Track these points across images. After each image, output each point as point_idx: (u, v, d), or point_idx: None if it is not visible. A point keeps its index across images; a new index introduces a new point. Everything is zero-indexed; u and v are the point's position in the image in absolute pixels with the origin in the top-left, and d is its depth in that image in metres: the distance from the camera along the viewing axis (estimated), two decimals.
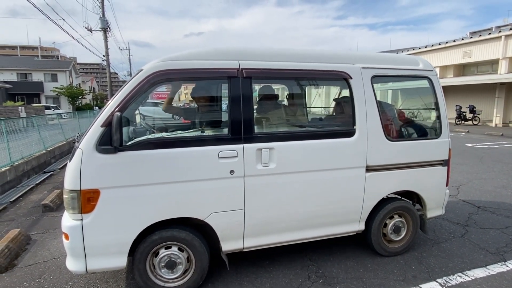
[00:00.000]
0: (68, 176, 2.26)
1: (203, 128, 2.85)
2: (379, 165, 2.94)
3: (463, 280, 2.75)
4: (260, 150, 2.55)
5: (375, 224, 3.06)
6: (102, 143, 2.22)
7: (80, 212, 2.24)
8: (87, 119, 14.29)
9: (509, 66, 17.31)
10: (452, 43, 20.05)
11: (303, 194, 2.75)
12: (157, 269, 2.51)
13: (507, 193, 5.30)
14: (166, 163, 2.35)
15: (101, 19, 21.37)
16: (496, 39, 17.67)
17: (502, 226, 3.92)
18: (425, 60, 3.33)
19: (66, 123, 12.29)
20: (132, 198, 2.32)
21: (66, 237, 2.29)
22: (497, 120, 17.80)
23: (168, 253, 2.50)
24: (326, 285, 2.69)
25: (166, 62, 2.40)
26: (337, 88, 3.54)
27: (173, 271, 2.53)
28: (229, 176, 2.49)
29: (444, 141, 3.23)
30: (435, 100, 3.23)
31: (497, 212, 4.41)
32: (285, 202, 2.70)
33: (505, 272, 2.88)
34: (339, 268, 2.96)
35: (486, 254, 3.22)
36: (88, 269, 2.33)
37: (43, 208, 4.63)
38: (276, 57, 2.72)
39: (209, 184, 2.47)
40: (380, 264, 3.03)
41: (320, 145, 2.74)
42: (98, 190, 2.24)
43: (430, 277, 2.81)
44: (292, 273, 2.87)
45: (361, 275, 2.84)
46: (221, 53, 2.57)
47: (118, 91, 2.40)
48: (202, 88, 3.15)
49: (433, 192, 3.27)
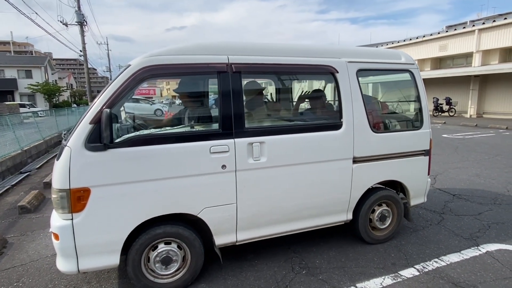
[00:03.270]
0: (56, 175, 2.20)
1: (194, 124, 2.83)
2: (365, 156, 3.03)
3: (439, 265, 2.88)
4: (251, 145, 2.57)
5: (362, 213, 3.16)
6: (91, 140, 2.17)
7: (70, 211, 2.19)
8: (65, 116, 13.84)
9: (482, 59, 17.99)
10: (429, 37, 20.62)
11: (294, 187, 2.81)
12: (151, 263, 2.49)
13: (480, 181, 5.55)
14: (157, 159, 2.33)
15: (77, 13, 20.62)
16: (470, 33, 18.30)
17: (476, 213, 4.11)
18: (406, 54, 3.43)
19: (43, 122, 11.85)
20: (124, 195, 2.29)
21: (56, 237, 2.24)
22: (471, 112, 18.53)
23: (167, 249, 2.50)
24: (309, 276, 2.75)
25: (154, 58, 2.37)
26: (322, 82, 3.58)
27: (167, 268, 2.53)
28: (221, 171, 2.50)
29: (426, 131, 3.36)
30: (417, 92, 3.35)
31: (470, 199, 4.62)
32: (276, 195, 2.75)
33: (478, 256, 3.03)
34: (322, 259, 3.03)
35: (460, 240, 3.37)
36: (80, 269, 2.29)
37: (19, 210, 4.47)
38: (264, 52, 2.73)
39: (201, 180, 2.47)
40: (361, 253, 3.12)
41: (309, 138, 2.80)
42: (88, 188, 2.20)
43: (408, 264, 2.92)
44: (276, 265, 2.91)
45: (343, 265, 2.92)
46: (210, 48, 2.55)
47: (106, 87, 2.34)
48: (191, 83, 3.13)
49: (416, 181, 3.41)
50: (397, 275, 2.73)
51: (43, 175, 6.54)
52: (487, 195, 4.78)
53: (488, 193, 4.90)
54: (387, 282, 2.63)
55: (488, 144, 9.31)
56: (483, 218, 3.95)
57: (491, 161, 7.12)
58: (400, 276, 2.72)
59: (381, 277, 2.71)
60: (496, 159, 7.27)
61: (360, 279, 2.68)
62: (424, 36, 21.02)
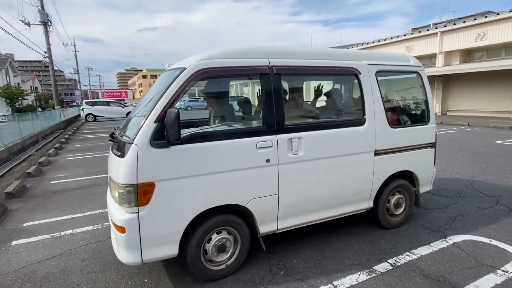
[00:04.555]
0: (123, 171, 2.32)
1: (243, 122, 3.16)
2: (384, 149, 3.38)
3: (411, 259, 2.99)
4: (291, 140, 2.83)
5: (382, 201, 3.52)
6: (155, 138, 2.33)
7: (137, 205, 2.33)
8: (29, 121, 13.06)
9: (445, 60, 19.02)
10: (396, 39, 21.50)
11: (326, 178, 3.09)
12: (209, 251, 2.68)
13: (446, 175, 5.84)
14: (213, 154, 2.53)
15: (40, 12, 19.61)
16: (433, 35, 19.29)
17: (443, 206, 4.32)
18: (414, 58, 3.82)
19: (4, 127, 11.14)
20: (184, 189, 2.47)
21: (122, 230, 2.35)
22: (436, 110, 19.50)
23: (223, 237, 2.73)
24: (287, 276, 2.75)
25: (208, 61, 2.58)
26: (346, 82, 3.88)
27: (221, 255, 2.75)
28: (265, 165, 2.74)
29: (432, 126, 3.78)
30: (423, 91, 3.76)
31: (438, 193, 4.85)
32: (311, 185, 3.01)
33: (446, 248, 3.18)
34: (299, 258, 3.05)
35: (429, 233, 3.53)
36: (144, 260, 2.43)
37: None
38: (299, 55, 3.01)
39: (249, 173, 2.69)
40: (337, 251, 3.18)
41: (338, 134, 3.11)
42: (153, 183, 2.35)
43: (382, 259, 3.01)
44: (254, 268, 2.90)
45: (320, 263, 2.96)
46: (253, 52, 2.79)
47: (164, 88, 2.50)
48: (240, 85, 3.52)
49: (425, 170, 3.82)
50: (371, 271, 2.81)
51: (5, 184, 6.13)
52: (452, 189, 5.04)
53: (453, 186, 5.16)
54: (362, 278, 2.70)
55: (452, 140, 9.84)
56: (449, 211, 4.15)
57: (455, 156, 7.53)
58: (374, 271, 2.79)
59: (357, 273, 2.77)
60: (460, 154, 7.70)
61: (337, 277, 2.73)
62: (391, 38, 21.89)
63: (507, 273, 2.72)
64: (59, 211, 4.63)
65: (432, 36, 19.35)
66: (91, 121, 23.96)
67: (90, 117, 24.07)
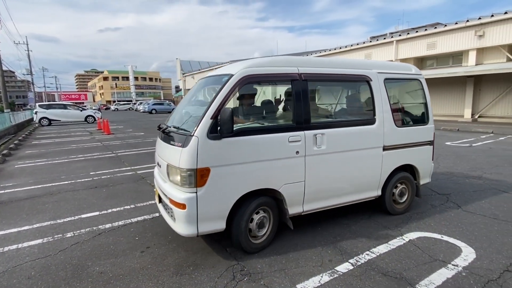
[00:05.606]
0: (185, 158, 2.80)
1: (278, 119, 3.69)
2: (391, 145, 3.94)
3: (370, 258, 3.08)
4: (315, 136, 3.35)
5: (388, 190, 4.07)
6: (211, 131, 2.82)
7: (196, 186, 2.82)
8: None
9: None
10: (356, 46, 22.51)
11: (343, 168, 3.63)
12: (252, 227, 3.19)
13: None
14: (255, 146, 3.03)
15: None
16: (389, 43, 20.48)
17: None
18: (415, 67, 4.44)
19: None
20: (232, 174, 2.95)
21: (184, 207, 2.83)
22: None
23: (262, 216, 3.24)
24: (251, 282, 2.71)
25: (252, 69, 3.11)
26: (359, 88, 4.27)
27: (261, 230, 3.26)
28: (295, 156, 3.24)
29: (431, 126, 4.37)
30: (424, 96, 4.37)
31: None
32: (331, 174, 3.55)
33: (402, 245, 3.33)
34: (263, 263, 3.02)
35: (387, 231, 3.68)
36: (199, 232, 2.90)
37: None
38: (322, 64, 3.60)
39: (282, 162, 3.18)
40: (301, 253, 3.20)
41: (354, 131, 3.65)
42: (209, 168, 2.84)
43: (343, 259, 3.07)
44: (217, 275, 2.82)
45: (283, 266, 2.95)
46: (285, 61, 3.34)
47: (217, 92, 2.96)
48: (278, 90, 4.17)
49: (424, 165, 4.39)
50: (333, 271, 2.85)
51: None
52: None
53: None
54: (325, 279, 2.73)
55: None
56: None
57: None
58: (336, 272, 2.84)
59: (319, 275, 2.79)
60: None
61: (300, 280, 2.73)
62: (351, 45, 22.90)
63: (457, 267, 2.89)
64: (4, 224, 4.22)
65: (389, 44, 20.54)
66: (45, 125, 22.33)
67: (45, 121, 22.42)
